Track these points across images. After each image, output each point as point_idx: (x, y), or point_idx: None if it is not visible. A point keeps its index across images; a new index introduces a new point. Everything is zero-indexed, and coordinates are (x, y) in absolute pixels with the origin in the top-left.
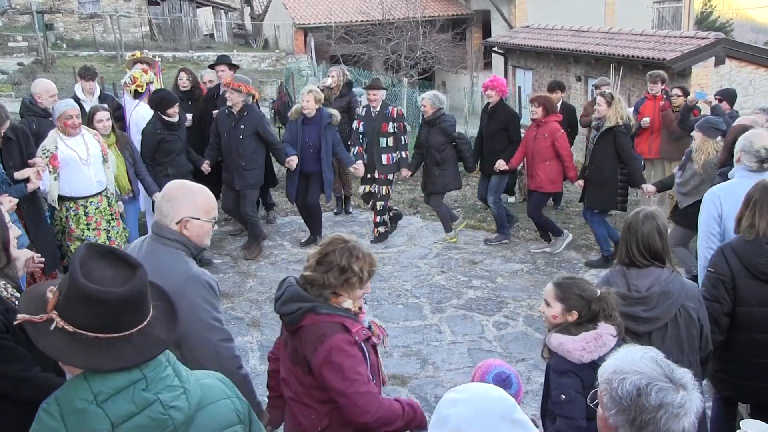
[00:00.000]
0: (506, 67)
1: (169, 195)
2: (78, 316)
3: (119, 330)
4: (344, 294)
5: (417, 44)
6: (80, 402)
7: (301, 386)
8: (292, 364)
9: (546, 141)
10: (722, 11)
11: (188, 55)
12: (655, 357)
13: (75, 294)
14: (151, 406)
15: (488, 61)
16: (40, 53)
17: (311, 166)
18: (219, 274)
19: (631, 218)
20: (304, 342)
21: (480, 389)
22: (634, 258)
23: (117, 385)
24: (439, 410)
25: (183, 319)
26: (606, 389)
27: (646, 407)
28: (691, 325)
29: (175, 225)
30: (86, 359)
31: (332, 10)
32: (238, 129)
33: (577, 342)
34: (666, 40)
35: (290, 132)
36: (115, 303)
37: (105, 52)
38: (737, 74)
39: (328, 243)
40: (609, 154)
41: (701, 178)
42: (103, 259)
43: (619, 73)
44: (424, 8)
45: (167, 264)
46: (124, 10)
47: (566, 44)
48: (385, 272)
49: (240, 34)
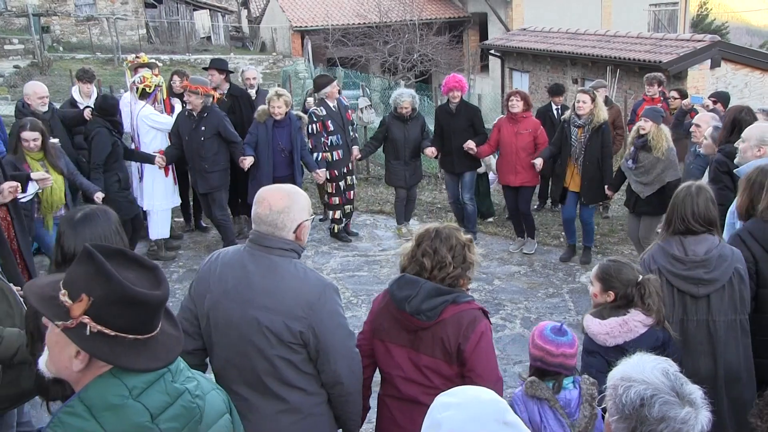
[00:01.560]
0: (503, 69)
1: (278, 206)
2: (120, 319)
3: (152, 330)
4: (465, 282)
5: (414, 47)
6: (116, 398)
7: (442, 378)
8: (432, 359)
9: (529, 136)
10: (718, 14)
11: (185, 58)
12: (666, 369)
13: (117, 297)
14: (182, 395)
15: (485, 64)
16: (37, 56)
17: (283, 171)
18: None
19: (684, 191)
20: (450, 333)
21: (472, 392)
22: (690, 225)
23: (148, 378)
24: (431, 414)
25: (326, 329)
26: (611, 395)
27: (647, 418)
28: (742, 285)
29: (292, 234)
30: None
31: (329, 12)
32: (198, 131)
33: (602, 326)
34: (662, 42)
35: (254, 134)
36: (156, 304)
37: (102, 55)
38: (733, 77)
39: (447, 237)
40: (599, 150)
41: (664, 164)
42: (115, 260)
43: (615, 75)
44: (421, 11)
45: (299, 276)
46: (121, 13)
47: (563, 47)
48: (383, 275)
49: (237, 36)
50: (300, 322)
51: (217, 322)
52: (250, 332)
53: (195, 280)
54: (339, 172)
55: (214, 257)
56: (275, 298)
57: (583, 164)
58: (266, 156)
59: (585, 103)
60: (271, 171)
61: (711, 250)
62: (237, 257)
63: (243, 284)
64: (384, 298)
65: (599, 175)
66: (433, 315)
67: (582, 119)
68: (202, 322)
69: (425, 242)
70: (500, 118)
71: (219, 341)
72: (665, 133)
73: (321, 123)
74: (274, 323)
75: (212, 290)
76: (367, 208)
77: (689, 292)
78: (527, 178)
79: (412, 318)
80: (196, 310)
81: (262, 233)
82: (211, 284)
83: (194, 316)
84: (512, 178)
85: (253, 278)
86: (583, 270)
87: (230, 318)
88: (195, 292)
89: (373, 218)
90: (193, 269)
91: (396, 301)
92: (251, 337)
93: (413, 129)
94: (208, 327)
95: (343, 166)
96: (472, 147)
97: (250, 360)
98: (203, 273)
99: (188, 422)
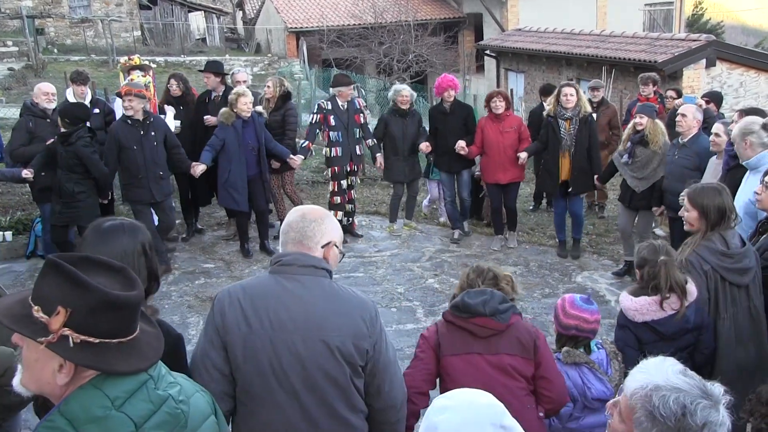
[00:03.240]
0: (498, 69)
1: (313, 215)
2: (103, 325)
3: (134, 331)
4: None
5: (409, 47)
6: (99, 410)
7: (524, 378)
8: (512, 356)
9: (514, 133)
10: (713, 14)
11: (180, 60)
12: (684, 370)
13: (96, 304)
14: (166, 402)
15: (480, 64)
16: (31, 58)
17: (253, 169)
18: (212, 279)
19: (711, 190)
20: (523, 332)
21: (469, 396)
22: (729, 221)
23: (129, 387)
24: (428, 417)
25: (382, 346)
26: (643, 406)
27: (690, 427)
28: (758, 267)
29: (320, 249)
30: (129, 363)
31: (324, 13)
32: (149, 137)
33: (633, 302)
34: (657, 42)
35: (221, 138)
36: (135, 305)
37: (96, 57)
38: (728, 76)
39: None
40: (588, 140)
41: (660, 158)
42: (82, 267)
43: (611, 75)
44: (416, 11)
45: (350, 293)
46: (116, 15)
47: (558, 47)
48: (378, 276)
49: (232, 38)
50: (366, 341)
51: (273, 360)
52: (319, 359)
53: (214, 331)
54: (340, 170)
55: (227, 299)
56: (340, 319)
57: (574, 155)
58: (239, 157)
59: (572, 96)
60: (244, 172)
61: (743, 242)
62: (272, 286)
63: (299, 311)
64: (441, 325)
65: (588, 166)
66: (506, 318)
67: (569, 112)
68: (242, 372)
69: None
70: (482, 119)
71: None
72: (661, 128)
73: (323, 115)
74: (345, 344)
75: (255, 330)
76: (363, 209)
77: (738, 283)
78: (515, 175)
79: (489, 320)
80: (225, 366)
81: (290, 254)
82: (251, 324)
83: (222, 374)
84: (501, 175)
85: (309, 302)
86: (578, 270)
87: (294, 350)
88: (227, 343)
89: (368, 219)
90: (188, 271)
91: (469, 309)
92: (322, 364)
93: (411, 125)
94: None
95: (343, 164)
96: (463, 146)
97: (320, 389)
98: (229, 320)
99: (173, 429)
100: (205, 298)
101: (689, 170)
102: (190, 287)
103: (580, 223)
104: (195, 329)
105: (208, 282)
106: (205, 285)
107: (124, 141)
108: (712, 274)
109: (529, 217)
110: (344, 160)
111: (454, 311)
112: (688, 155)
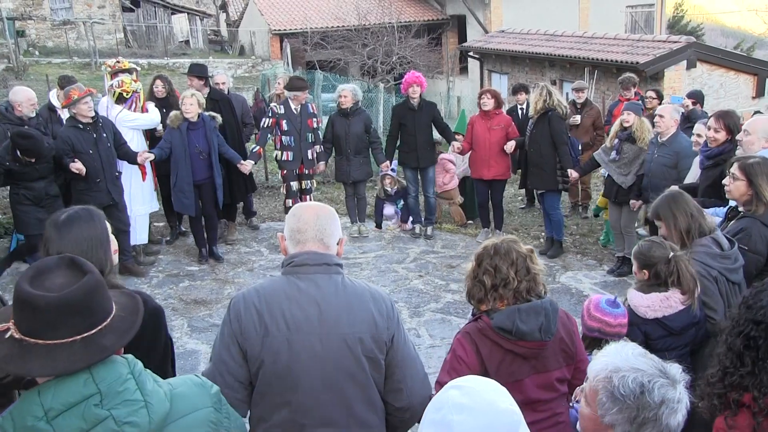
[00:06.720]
0: (482, 71)
1: (324, 212)
2: (21, 323)
3: (59, 337)
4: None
5: (393, 49)
6: (30, 419)
7: (566, 382)
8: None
9: (502, 131)
10: (693, 16)
11: (163, 62)
12: (645, 353)
13: (16, 299)
14: (104, 422)
15: (464, 66)
16: (12, 60)
17: (203, 173)
18: (197, 281)
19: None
20: (564, 334)
21: (488, 398)
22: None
23: (69, 400)
24: (441, 410)
25: (400, 339)
26: (604, 389)
27: (649, 404)
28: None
29: (335, 246)
30: (24, 366)
31: (308, 15)
32: (102, 139)
33: (644, 299)
34: (639, 44)
35: (168, 141)
36: (47, 308)
37: (78, 59)
38: (708, 77)
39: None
40: (545, 138)
41: (644, 155)
42: (61, 268)
43: (593, 76)
44: (400, 13)
45: (364, 286)
46: (98, 17)
47: (541, 48)
48: (363, 277)
49: (215, 40)
50: (384, 333)
51: (292, 362)
52: (338, 356)
53: (231, 336)
54: (290, 173)
55: (242, 303)
56: (356, 313)
57: (528, 151)
58: (184, 161)
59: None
60: (190, 175)
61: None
62: (286, 288)
63: (314, 311)
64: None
65: (542, 161)
66: (555, 329)
67: (530, 112)
68: (260, 375)
69: (485, 261)
70: (473, 116)
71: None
72: (647, 125)
73: (275, 120)
74: (363, 338)
75: (272, 333)
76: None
77: (736, 281)
78: (500, 171)
79: (543, 343)
80: (240, 372)
81: (301, 255)
82: (267, 327)
83: (237, 380)
84: (485, 171)
85: (324, 301)
86: (563, 271)
87: (312, 350)
88: (244, 348)
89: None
90: (172, 274)
91: (524, 336)
92: (341, 361)
93: (356, 124)
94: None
95: (293, 168)
96: (459, 147)
97: (339, 388)
98: (245, 324)
99: None
100: (189, 300)
101: (668, 168)
102: (174, 290)
103: (556, 223)
104: (180, 332)
105: (192, 284)
106: (189, 288)
107: (80, 146)
108: (720, 278)
109: (513, 218)
110: (295, 164)
111: (501, 333)
112: (668, 153)
